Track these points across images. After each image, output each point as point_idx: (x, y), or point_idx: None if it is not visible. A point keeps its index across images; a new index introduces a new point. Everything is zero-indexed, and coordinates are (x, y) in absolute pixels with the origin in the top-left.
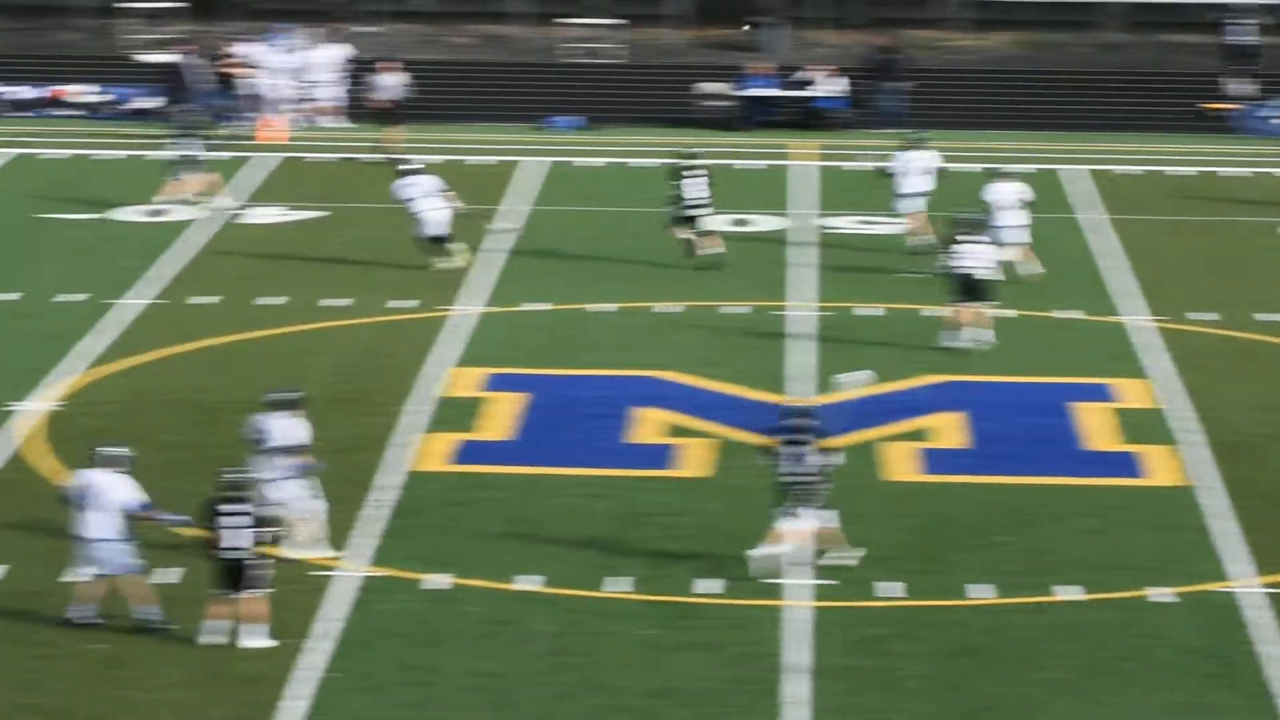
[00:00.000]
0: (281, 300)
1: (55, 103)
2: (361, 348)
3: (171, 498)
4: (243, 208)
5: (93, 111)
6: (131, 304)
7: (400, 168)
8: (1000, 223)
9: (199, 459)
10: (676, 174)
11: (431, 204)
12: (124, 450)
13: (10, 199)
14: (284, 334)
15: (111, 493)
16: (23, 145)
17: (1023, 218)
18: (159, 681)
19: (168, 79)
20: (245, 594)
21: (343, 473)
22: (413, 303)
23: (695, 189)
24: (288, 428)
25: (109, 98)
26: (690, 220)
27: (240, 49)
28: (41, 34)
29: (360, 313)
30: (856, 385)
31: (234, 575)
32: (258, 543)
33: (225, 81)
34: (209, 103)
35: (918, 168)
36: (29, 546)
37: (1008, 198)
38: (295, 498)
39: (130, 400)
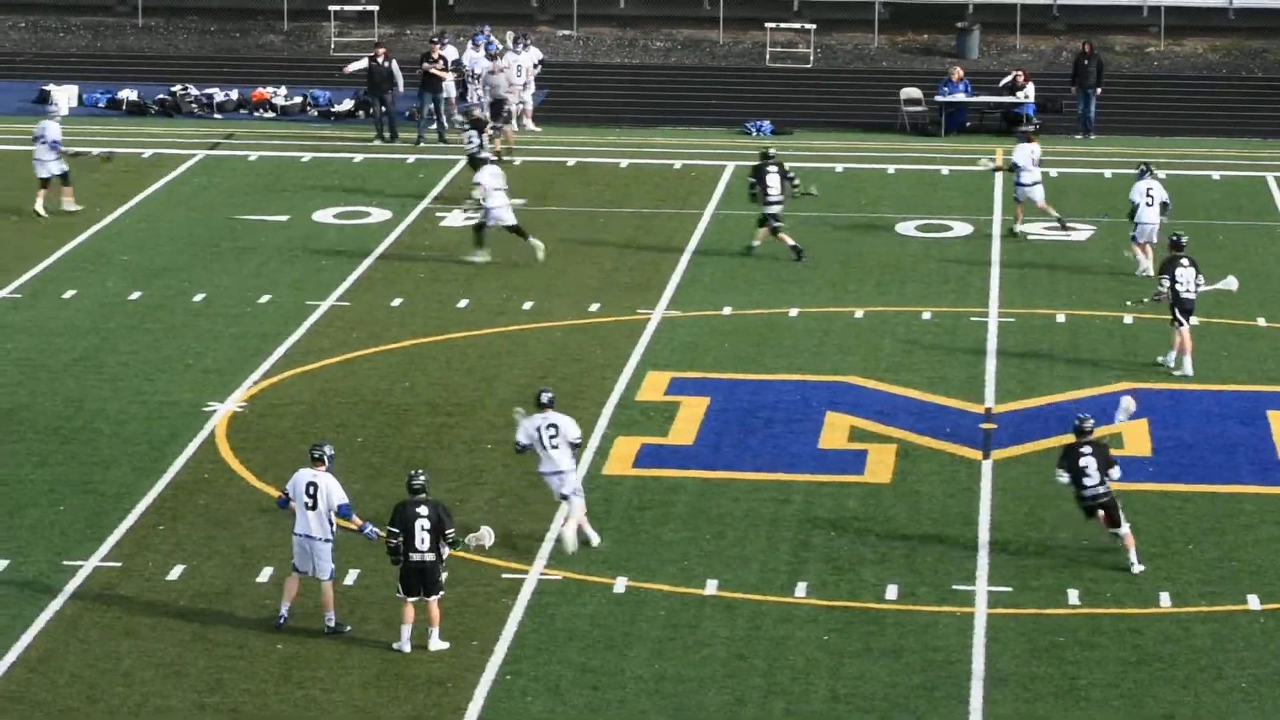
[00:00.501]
0: (470, 303)
1: (253, 105)
2: (549, 351)
3: (360, 500)
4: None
5: (289, 114)
6: (323, 305)
7: (489, 158)
8: (1140, 219)
9: (386, 461)
10: (757, 172)
11: (504, 199)
12: (331, 449)
13: (207, 200)
14: (473, 336)
15: (329, 492)
16: (221, 147)
17: (1155, 215)
18: (340, 682)
19: (363, 82)
20: (433, 598)
21: (530, 475)
22: (598, 305)
23: (775, 186)
24: (570, 424)
25: (304, 100)
26: (774, 218)
27: (442, 52)
28: (243, 37)
29: (547, 316)
30: (1128, 410)
31: (423, 579)
32: (446, 545)
33: (428, 85)
34: (407, 106)
35: (1033, 161)
36: (213, 546)
37: (1144, 195)
38: (576, 491)
39: (318, 401)
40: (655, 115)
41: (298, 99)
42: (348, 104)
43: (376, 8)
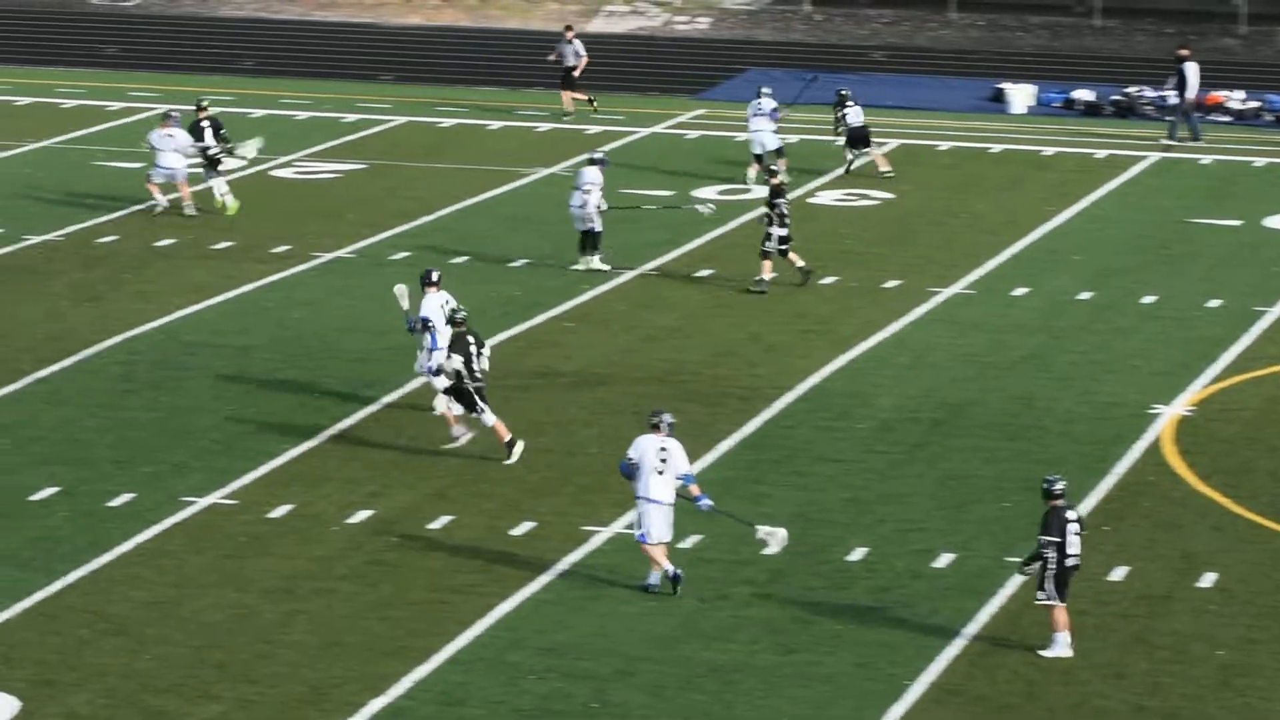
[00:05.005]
0: None
1: (1208, 108)
2: None
3: None
4: None
5: (1244, 118)
6: (1272, 311)
7: None
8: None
9: None
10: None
11: None
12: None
13: (1159, 203)
14: None
15: (676, 461)
16: (1174, 150)
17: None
18: None
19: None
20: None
21: None
22: None
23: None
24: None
25: (1260, 105)
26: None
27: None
28: (1199, 39)
29: None
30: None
31: (1064, 581)
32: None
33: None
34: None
35: None
36: (1156, 549)
37: None
38: None
39: (1266, 407)
40: None
41: (1254, 103)
42: None
43: None
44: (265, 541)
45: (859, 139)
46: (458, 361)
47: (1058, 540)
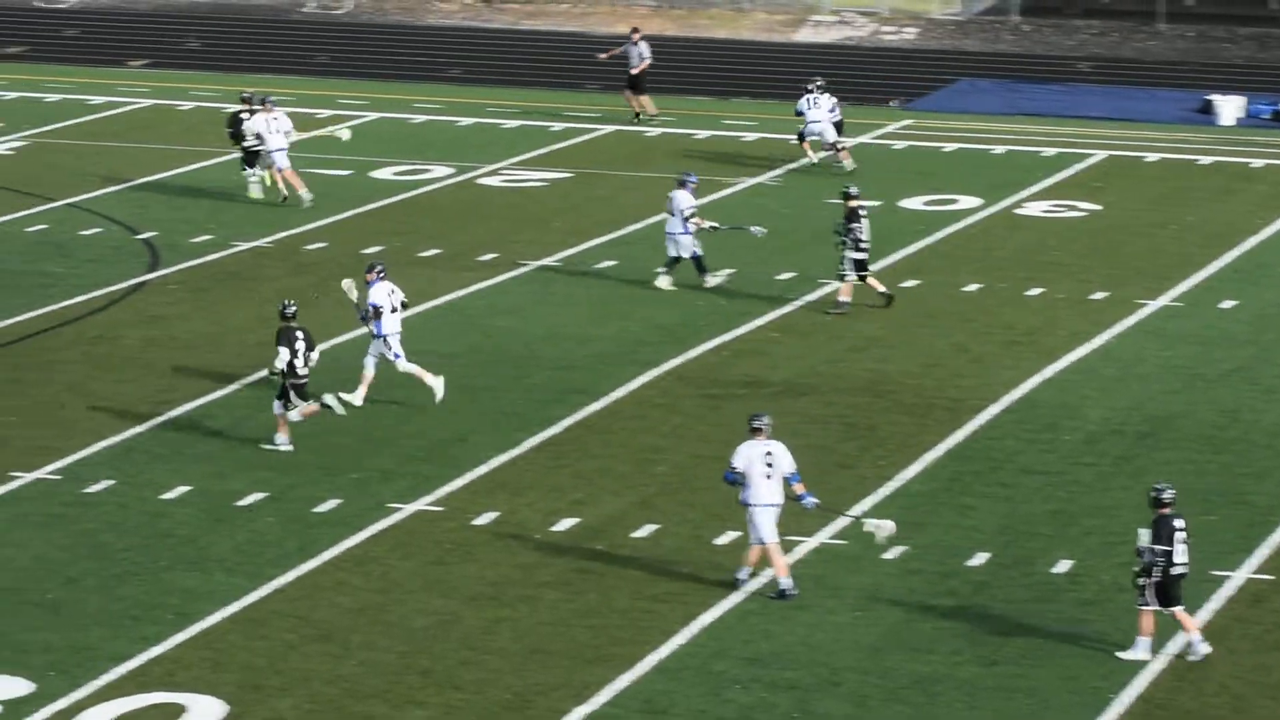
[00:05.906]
0: None
1: None
2: None
3: None
4: None
5: None
6: None
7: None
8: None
9: None
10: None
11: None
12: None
13: None
14: None
15: (781, 461)
16: None
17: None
18: None
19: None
20: (1182, 607)
21: None
22: None
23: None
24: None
25: None
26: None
27: None
28: None
29: None
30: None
31: (1179, 590)
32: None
33: None
34: None
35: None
36: None
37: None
38: None
39: None
40: None
41: None
42: None
43: None
44: (470, 548)
45: (836, 127)
46: (285, 356)
47: (1167, 548)
